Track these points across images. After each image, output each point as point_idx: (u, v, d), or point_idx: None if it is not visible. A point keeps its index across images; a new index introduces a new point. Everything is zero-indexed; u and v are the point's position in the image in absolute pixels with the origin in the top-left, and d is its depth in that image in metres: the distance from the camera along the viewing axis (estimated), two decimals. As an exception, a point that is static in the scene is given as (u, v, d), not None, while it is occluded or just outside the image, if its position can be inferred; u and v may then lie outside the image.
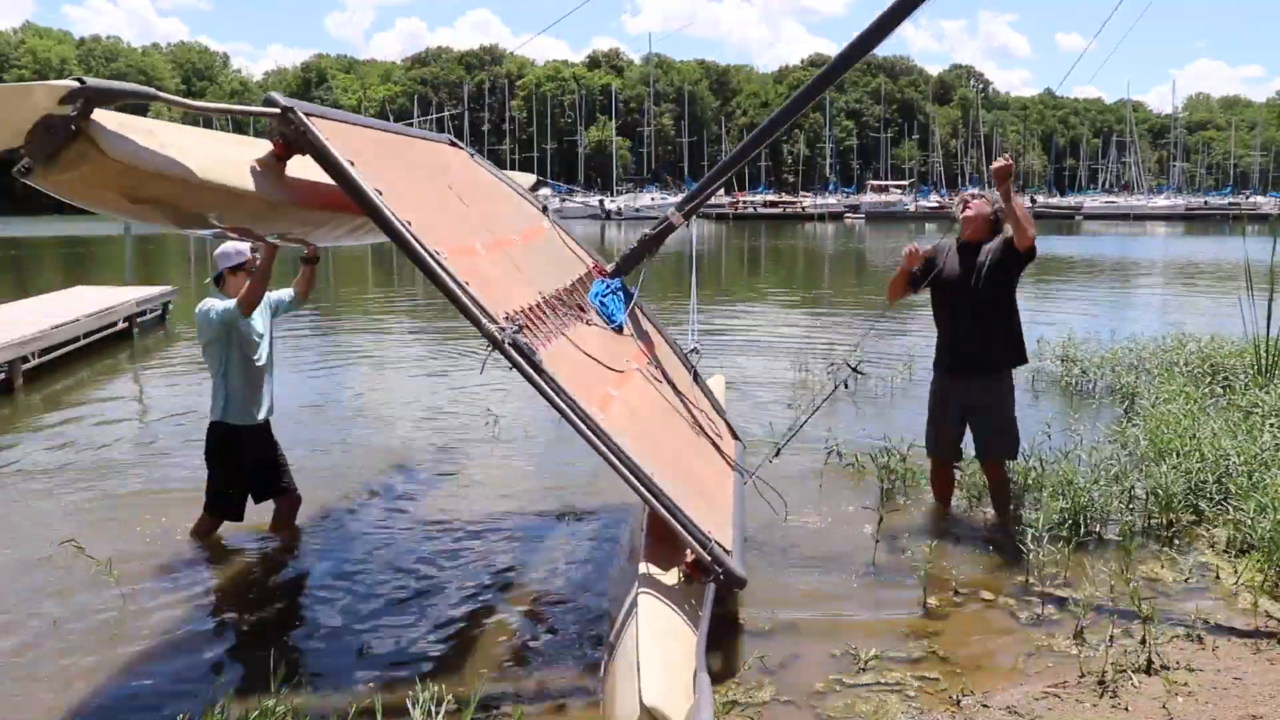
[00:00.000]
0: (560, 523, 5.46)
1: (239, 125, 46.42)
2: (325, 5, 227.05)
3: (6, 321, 10.40)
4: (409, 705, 3.16)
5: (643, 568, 3.60)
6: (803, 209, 75.06)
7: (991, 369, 5.18)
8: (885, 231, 53.12)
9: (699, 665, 3.08)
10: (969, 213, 5.23)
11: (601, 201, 68.77)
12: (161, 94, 2.96)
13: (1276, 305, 7.70)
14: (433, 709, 3.09)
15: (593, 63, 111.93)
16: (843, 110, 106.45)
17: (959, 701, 3.42)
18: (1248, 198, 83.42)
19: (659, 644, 3.08)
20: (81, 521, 5.41)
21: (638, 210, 63.64)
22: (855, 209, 76.12)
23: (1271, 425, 5.88)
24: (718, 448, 5.03)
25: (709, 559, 3.48)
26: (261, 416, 5.03)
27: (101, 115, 2.72)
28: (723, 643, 3.80)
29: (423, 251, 3.47)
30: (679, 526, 3.49)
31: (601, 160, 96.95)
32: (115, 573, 4.49)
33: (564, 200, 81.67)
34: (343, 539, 5.22)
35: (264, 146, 3.56)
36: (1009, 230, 5.06)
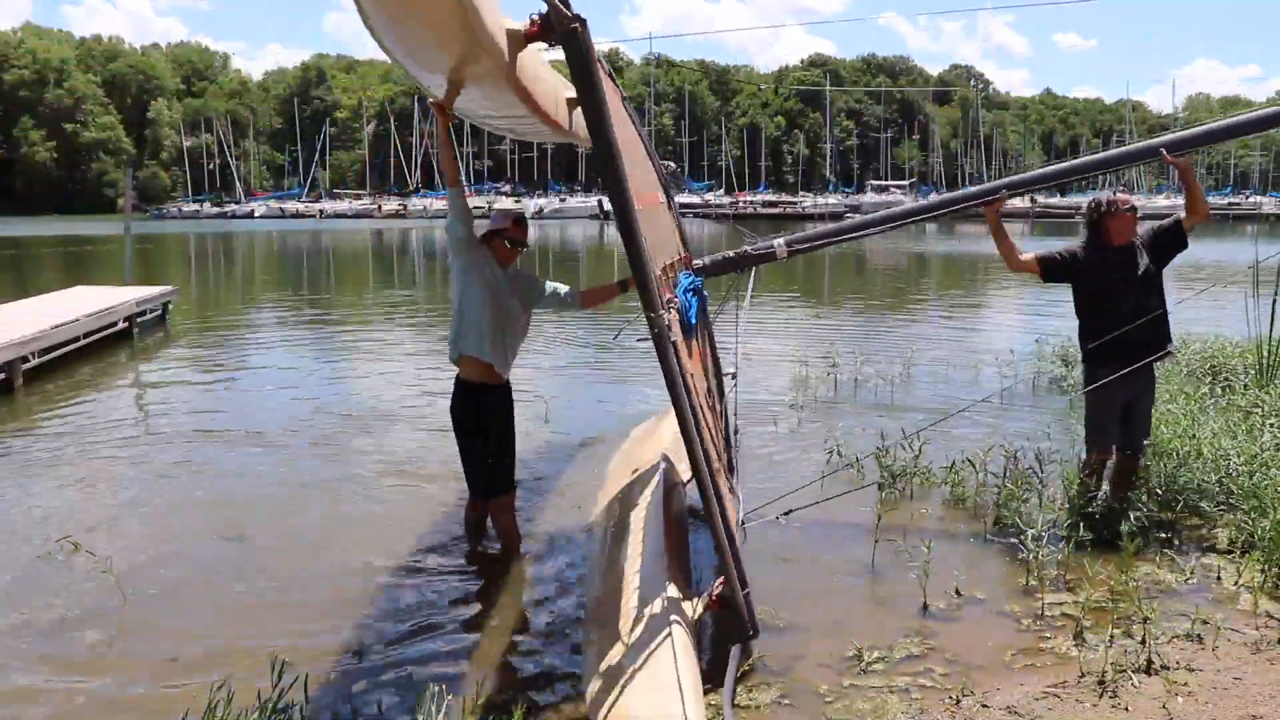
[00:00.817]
0: (562, 523, 5.45)
1: None
2: (324, 5, 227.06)
3: (6, 321, 10.40)
4: (410, 706, 3.16)
5: (670, 589, 3.59)
6: (803, 209, 75.02)
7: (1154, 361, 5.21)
8: (885, 232, 52.91)
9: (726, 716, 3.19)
10: (1123, 211, 5.02)
11: (600, 202, 68.88)
12: None
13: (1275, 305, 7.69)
14: (433, 710, 3.08)
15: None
16: (843, 110, 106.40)
17: (959, 701, 3.42)
18: (1248, 198, 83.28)
19: (689, 673, 3.10)
20: (80, 520, 5.41)
21: None
22: (855, 209, 76.07)
23: (1271, 425, 5.88)
24: (729, 479, 4.95)
25: (745, 609, 3.51)
26: (504, 363, 4.68)
27: None
28: (723, 644, 3.80)
29: (631, 208, 3.23)
30: (730, 561, 3.46)
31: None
32: (114, 570, 4.50)
33: (564, 200, 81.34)
34: (340, 538, 5.21)
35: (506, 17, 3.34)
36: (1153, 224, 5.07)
